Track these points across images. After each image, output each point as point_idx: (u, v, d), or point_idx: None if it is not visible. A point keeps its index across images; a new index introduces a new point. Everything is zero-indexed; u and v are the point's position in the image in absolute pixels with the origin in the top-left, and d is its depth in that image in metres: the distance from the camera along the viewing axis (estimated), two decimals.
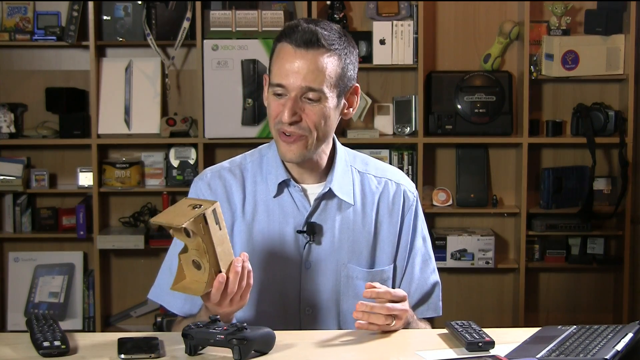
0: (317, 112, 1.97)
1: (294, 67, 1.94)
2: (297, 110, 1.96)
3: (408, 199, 2.14)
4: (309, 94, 1.96)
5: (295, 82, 1.94)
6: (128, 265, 4.39)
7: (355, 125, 4.27)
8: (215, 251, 1.77)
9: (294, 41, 1.95)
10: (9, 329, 4.27)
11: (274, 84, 1.97)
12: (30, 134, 4.21)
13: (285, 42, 1.97)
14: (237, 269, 1.80)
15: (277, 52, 1.99)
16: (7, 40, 4.12)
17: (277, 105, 1.98)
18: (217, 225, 1.77)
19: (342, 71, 1.99)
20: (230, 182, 2.09)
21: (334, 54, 1.97)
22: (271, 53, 2.03)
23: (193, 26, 4.11)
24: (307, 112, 1.97)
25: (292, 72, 1.94)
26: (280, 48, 1.98)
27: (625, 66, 4.17)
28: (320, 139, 2.00)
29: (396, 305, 1.89)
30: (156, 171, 4.28)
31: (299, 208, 2.06)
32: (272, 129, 2.01)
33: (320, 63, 1.95)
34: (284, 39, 1.98)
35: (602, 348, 1.69)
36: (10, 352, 1.78)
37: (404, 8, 4.18)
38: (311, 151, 2.01)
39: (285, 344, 1.82)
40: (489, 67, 4.27)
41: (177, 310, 2.08)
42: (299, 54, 1.95)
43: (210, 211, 1.76)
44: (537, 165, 4.34)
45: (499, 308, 4.40)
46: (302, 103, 1.96)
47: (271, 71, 2.00)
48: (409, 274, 2.12)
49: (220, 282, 1.78)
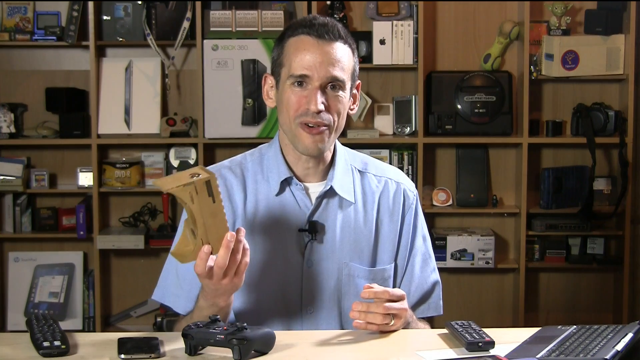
0: (340, 101, 2.00)
1: (318, 56, 1.96)
2: (324, 99, 1.97)
3: (408, 197, 2.14)
4: (333, 83, 1.98)
5: (320, 71, 1.96)
6: (128, 265, 4.39)
7: (355, 125, 4.27)
8: (204, 222, 1.77)
9: (314, 32, 1.97)
10: (9, 329, 4.27)
11: (296, 75, 1.97)
12: (30, 134, 4.22)
13: (303, 35, 1.98)
14: (229, 243, 1.79)
15: (293, 44, 1.99)
16: (7, 40, 4.12)
17: (299, 97, 1.98)
18: (211, 197, 1.76)
19: (354, 65, 2.03)
20: (231, 181, 2.09)
21: (349, 47, 2.02)
22: (280, 48, 2.02)
23: (193, 26, 4.11)
24: (331, 102, 1.99)
25: (317, 61, 1.96)
26: (297, 40, 1.99)
27: (625, 66, 4.17)
28: (337, 130, 2.03)
29: (394, 305, 1.89)
30: (156, 171, 4.28)
31: (301, 206, 2.06)
32: (291, 123, 2.00)
33: (342, 53, 1.99)
34: (300, 31, 1.99)
35: (602, 348, 1.69)
36: (10, 352, 1.78)
37: (404, 8, 4.18)
38: (330, 143, 2.03)
39: (285, 344, 1.82)
40: (489, 67, 4.27)
41: (181, 309, 2.08)
42: (322, 44, 1.97)
43: (203, 182, 1.75)
44: (537, 165, 4.34)
45: (499, 308, 4.40)
46: (325, 92, 1.98)
47: (286, 63, 1.99)
48: (409, 273, 2.12)
49: (205, 253, 1.78)
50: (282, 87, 2.01)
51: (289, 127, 2.01)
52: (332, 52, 1.97)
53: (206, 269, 1.80)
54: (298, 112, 1.98)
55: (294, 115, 1.99)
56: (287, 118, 2.01)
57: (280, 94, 2.02)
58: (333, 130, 2.01)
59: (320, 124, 1.98)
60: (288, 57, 1.99)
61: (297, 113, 1.98)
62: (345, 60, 1.99)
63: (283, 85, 2.01)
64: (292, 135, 2.02)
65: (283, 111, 2.02)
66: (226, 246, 1.79)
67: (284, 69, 2.00)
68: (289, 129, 2.01)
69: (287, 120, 2.01)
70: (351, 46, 2.02)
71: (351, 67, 2.01)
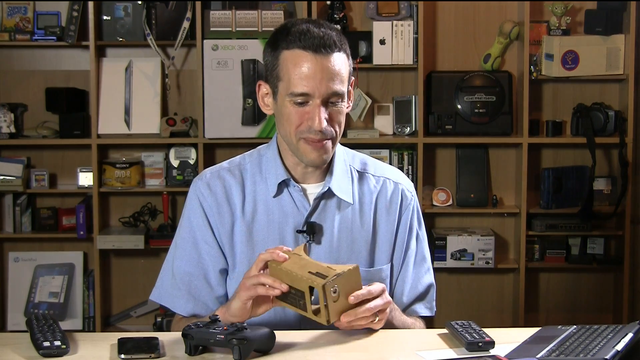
0: (340, 111, 1.99)
1: (318, 73, 1.94)
2: (326, 115, 1.96)
3: (406, 197, 2.14)
4: (334, 98, 1.96)
5: (321, 88, 1.94)
6: (128, 265, 4.39)
7: (355, 125, 4.27)
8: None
9: (310, 47, 1.94)
10: (9, 329, 4.27)
11: (297, 93, 1.95)
12: (30, 134, 4.22)
13: (298, 49, 1.94)
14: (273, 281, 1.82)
15: (290, 59, 1.95)
16: (7, 40, 4.12)
17: (300, 114, 1.96)
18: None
19: (349, 69, 2.01)
20: (230, 183, 2.09)
21: (344, 53, 1.99)
22: (275, 59, 1.98)
23: (193, 26, 4.11)
24: (332, 114, 1.98)
25: (317, 78, 1.94)
26: (294, 55, 1.95)
27: (625, 66, 4.17)
28: (338, 138, 2.03)
29: (377, 303, 1.86)
30: (156, 171, 4.28)
31: (299, 208, 2.06)
32: (292, 138, 1.99)
33: (339, 65, 1.96)
34: (295, 45, 1.95)
35: (602, 348, 1.69)
36: (10, 352, 1.78)
37: (404, 8, 4.18)
38: (332, 153, 2.04)
39: (285, 344, 1.82)
40: (489, 67, 4.27)
41: (180, 310, 2.08)
42: (319, 59, 1.94)
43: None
44: (537, 165, 4.34)
45: (499, 308, 4.40)
46: (326, 107, 1.97)
47: (284, 79, 1.97)
48: (403, 273, 2.12)
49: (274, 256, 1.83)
50: (281, 101, 1.99)
51: (291, 141, 2.00)
52: (330, 67, 1.94)
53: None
54: (300, 128, 1.97)
55: (296, 132, 1.98)
56: (288, 132, 2.00)
57: (280, 107, 2.00)
58: (336, 139, 2.02)
59: (324, 138, 1.98)
60: (286, 72, 1.96)
61: (299, 129, 1.97)
62: (344, 71, 1.97)
63: (282, 99, 1.99)
64: (294, 148, 2.01)
65: (284, 124, 2.00)
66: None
67: (281, 83, 1.98)
68: (291, 142, 2.01)
69: (288, 134, 2.00)
70: (346, 51, 2.00)
71: (348, 73, 2.00)
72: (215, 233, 2.06)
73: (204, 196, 2.07)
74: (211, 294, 2.07)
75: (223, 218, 2.06)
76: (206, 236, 2.06)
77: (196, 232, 2.07)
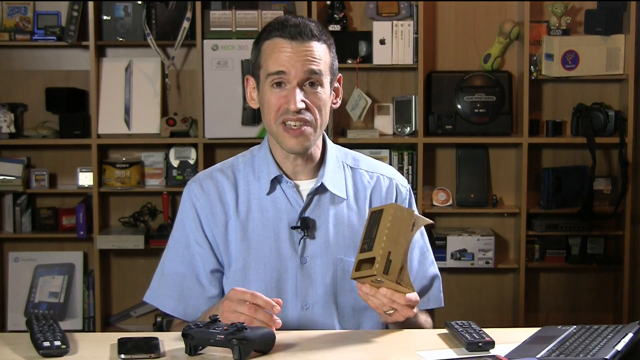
0: (319, 97, 2.01)
1: (294, 55, 1.98)
2: (303, 97, 1.98)
3: (401, 192, 2.15)
4: (311, 78, 1.99)
5: (297, 66, 1.97)
6: (128, 265, 4.39)
7: (355, 125, 4.27)
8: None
9: (287, 34, 1.99)
10: (9, 329, 4.27)
11: (273, 72, 1.98)
12: (30, 134, 4.22)
13: (276, 38, 2.00)
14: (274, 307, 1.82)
15: (268, 47, 2.01)
16: (7, 40, 4.12)
17: (278, 97, 2.00)
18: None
19: (331, 60, 2.05)
20: (223, 183, 2.10)
21: (324, 44, 2.03)
22: (257, 51, 2.04)
23: (193, 26, 4.11)
24: (310, 98, 2.00)
25: (292, 59, 1.98)
26: (271, 43, 2.00)
27: (625, 66, 4.17)
28: (321, 126, 2.04)
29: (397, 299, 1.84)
30: (156, 171, 4.28)
31: (292, 204, 2.07)
32: (272, 124, 2.02)
33: (318, 52, 2.00)
34: (274, 34, 2.00)
35: (602, 348, 1.69)
36: (10, 352, 1.78)
37: (404, 8, 4.18)
38: (313, 141, 2.03)
39: (285, 344, 1.82)
40: (489, 67, 4.27)
41: (170, 311, 2.11)
42: (295, 44, 1.98)
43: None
44: (537, 165, 4.34)
45: (499, 308, 4.40)
46: (303, 90, 1.99)
47: (263, 65, 2.01)
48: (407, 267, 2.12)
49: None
50: (262, 90, 2.03)
51: (272, 129, 2.04)
52: (306, 51, 1.98)
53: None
54: (279, 112, 2.00)
55: (275, 116, 2.01)
56: (269, 120, 2.03)
57: (262, 96, 2.04)
58: (317, 127, 2.02)
59: (301, 121, 1.99)
60: (265, 59, 2.01)
61: (278, 113, 2.00)
62: (322, 56, 2.01)
63: (263, 87, 2.03)
64: (275, 136, 2.04)
65: (265, 113, 2.04)
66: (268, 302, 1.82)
67: (261, 70, 2.02)
68: (272, 130, 2.04)
69: (269, 122, 2.03)
70: (326, 42, 2.03)
71: (328, 62, 2.03)
72: (208, 233, 2.07)
73: (196, 197, 2.09)
74: (203, 294, 2.08)
75: (216, 218, 2.07)
76: (198, 237, 2.08)
77: (188, 233, 2.09)
